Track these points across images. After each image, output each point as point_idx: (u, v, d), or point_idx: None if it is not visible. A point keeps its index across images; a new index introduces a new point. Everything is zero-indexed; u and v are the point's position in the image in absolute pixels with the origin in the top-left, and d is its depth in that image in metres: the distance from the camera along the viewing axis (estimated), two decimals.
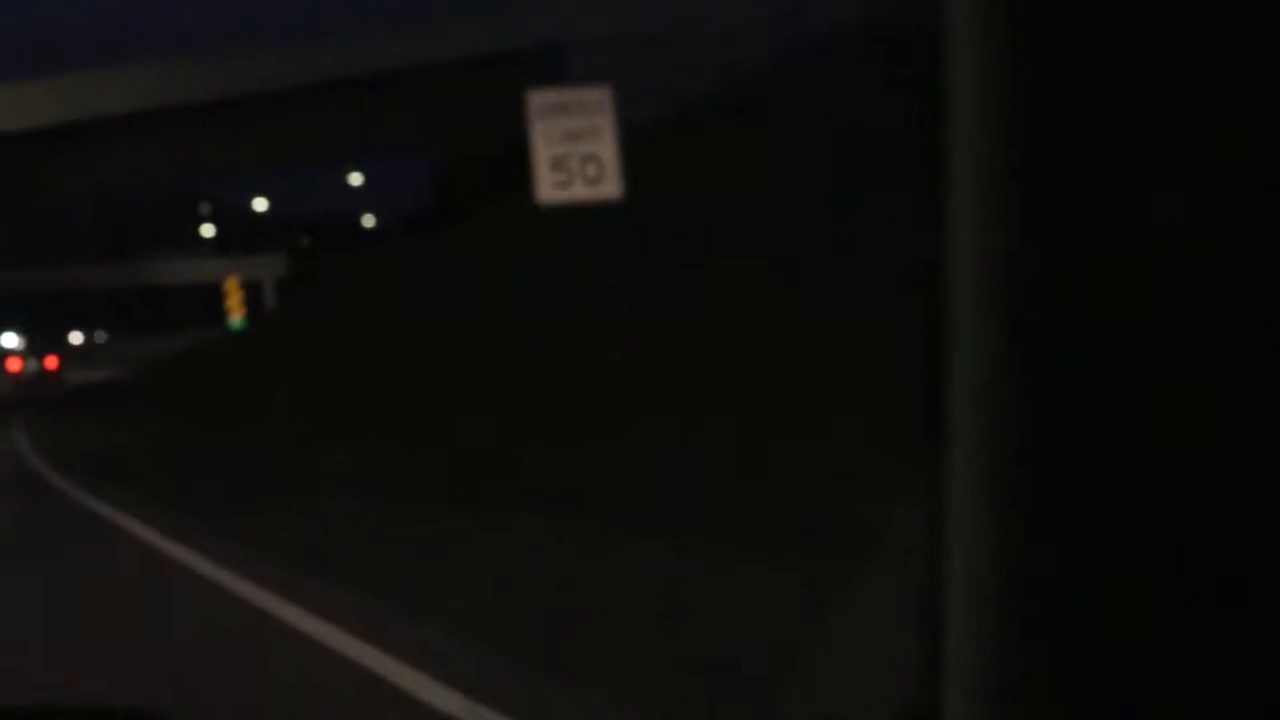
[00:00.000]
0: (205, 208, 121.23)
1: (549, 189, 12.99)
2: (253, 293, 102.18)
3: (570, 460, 11.05)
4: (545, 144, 12.98)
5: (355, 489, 13.36)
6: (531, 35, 33.38)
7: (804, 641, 4.51)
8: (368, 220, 64.99)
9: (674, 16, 31.67)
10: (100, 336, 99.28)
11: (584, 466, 10.69)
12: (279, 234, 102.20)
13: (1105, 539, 0.83)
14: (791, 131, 17.19)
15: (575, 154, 13.08)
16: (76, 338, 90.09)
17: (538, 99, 13.15)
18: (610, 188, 13.14)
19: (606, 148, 13.11)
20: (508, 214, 27.61)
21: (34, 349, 61.08)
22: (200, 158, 38.59)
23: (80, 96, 36.79)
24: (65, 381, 54.58)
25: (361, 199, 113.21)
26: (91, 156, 37.85)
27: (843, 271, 11.02)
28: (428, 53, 34.72)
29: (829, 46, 17.80)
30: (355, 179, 65.43)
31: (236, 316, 32.98)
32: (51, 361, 58.26)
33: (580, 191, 13.11)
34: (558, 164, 13.01)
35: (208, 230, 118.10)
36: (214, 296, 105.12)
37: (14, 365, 58.60)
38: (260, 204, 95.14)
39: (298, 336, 28.61)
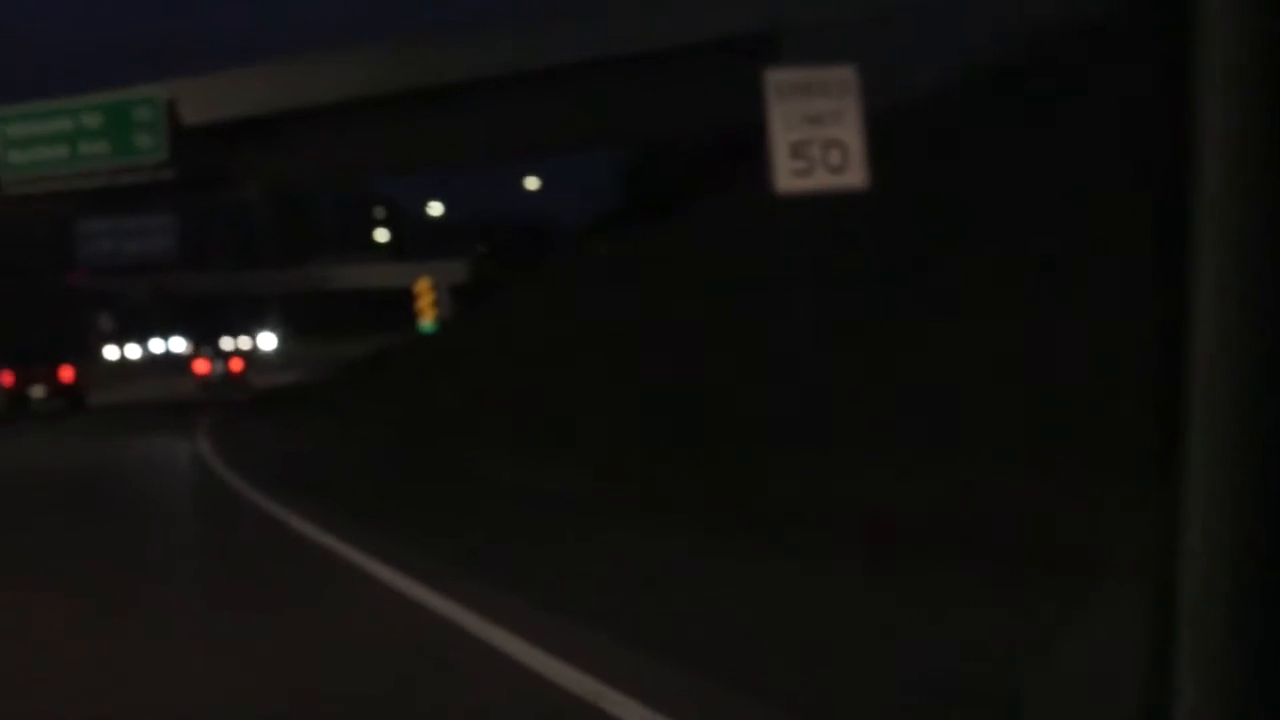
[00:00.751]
0: (380, 212, 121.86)
1: (788, 178, 11.95)
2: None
3: (812, 482, 9.88)
4: (784, 128, 11.97)
5: (601, 516, 11.56)
6: (742, 21, 31.15)
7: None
8: (546, 222, 63.19)
9: (897, 2, 29.42)
10: (270, 340, 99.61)
11: (825, 487, 9.61)
12: (454, 239, 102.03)
13: None
14: (1021, 126, 16.04)
15: (817, 139, 11.99)
16: (249, 342, 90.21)
17: (777, 78, 12.06)
18: (855, 176, 12.02)
19: (852, 133, 12.02)
20: (713, 210, 25.80)
21: (220, 352, 60.38)
22: (384, 153, 36.98)
23: (267, 89, 35.44)
24: (251, 384, 54.94)
25: (539, 202, 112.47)
26: (276, 152, 36.55)
27: (1074, 283, 10.51)
28: (627, 42, 32.75)
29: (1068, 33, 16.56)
30: (531, 183, 64.04)
31: (427, 319, 31.43)
32: (237, 364, 57.69)
33: (822, 180, 11.99)
34: (797, 150, 11.97)
35: (382, 235, 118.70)
36: (388, 302, 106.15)
37: (202, 367, 58.45)
38: (436, 208, 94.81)
39: (491, 341, 26.80)
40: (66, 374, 45.15)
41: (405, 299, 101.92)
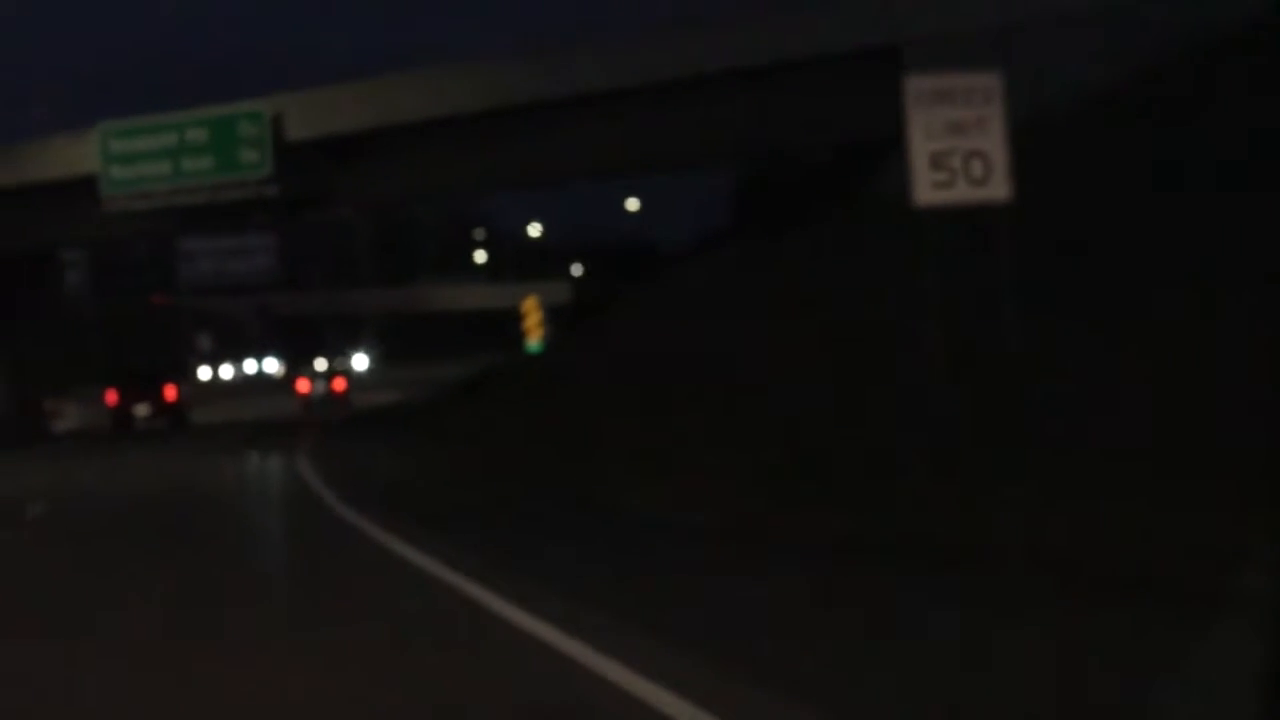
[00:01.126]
0: (479, 233, 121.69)
1: (928, 190, 11.28)
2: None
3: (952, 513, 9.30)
4: (925, 138, 11.30)
5: (744, 550, 10.49)
6: (863, 34, 29.92)
7: None
8: (649, 242, 62.10)
9: (1019, 15, 28.17)
10: (362, 361, 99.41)
11: (972, 520, 9.02)
12: (552, 261, 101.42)
13: None
14: (1153, 139, 15.72)
15: (959, 150, 11.31)
16: (344, 362, 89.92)
17: (917, 85, 11.40)
18: (999, 189, 11.29)
19: (996, 143, 11.31)
20: (830, 230, 24.68)
21: (317, 372, 60.81)
22: (489, 169, 36.00)
23: (371, 105, 34.70)
24: (352, 404, 55.32)
25: (638, 222, 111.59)
26: (380, 168, 35.79)
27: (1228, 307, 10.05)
28: (742, 56, 31.62)
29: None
30: (632, 204, 62.92)
31: (534, 338, 30.45)
32: (339, 384, 58.31)
33: (964, 193, 11.30)
34: (938, 161, 11.29)
35: (480, 256, 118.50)
36: (483, 323, 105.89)
37: (304, 387, 58.95)
38: (535, 229, 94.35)
39: (601, 364, 25.73)
40: (170, 393, 45.78)
41: (501, 320, 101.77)
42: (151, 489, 22.28)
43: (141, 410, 45.06)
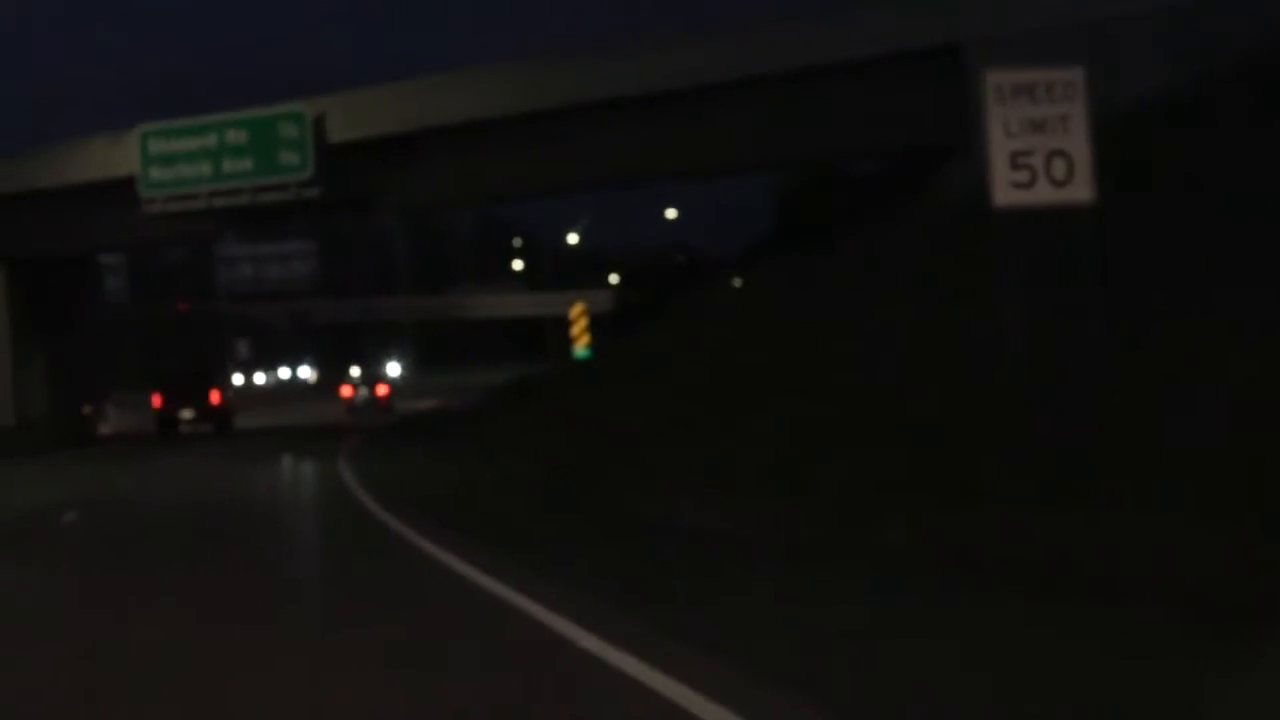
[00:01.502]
0: (516, 241, 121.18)
1: (1006, 190, 10.92)
2: (563, 328, 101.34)
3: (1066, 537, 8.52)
4: (1003, 135, 10.94)
5: (838, 569, 9.74)
6: (922, 33, 29.07)
7: None
8: (692, 250, 61.29)
9: (1095, 13, 27.34)
10: (394, 369, 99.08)
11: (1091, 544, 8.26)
12: (590, 270, 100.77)
13: None
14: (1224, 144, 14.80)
15: (1040, 148, 10.96)
16: (378, 369, 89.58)
17: (996, 79, 11.03)
18: (1082, 190, 10.94)
19: (1079, 142, 10.95)
20: (893, 233, 23.93)
21: (365, 379, 64.34)
22: (532, 172, 35.26)
23: (413, 105, 34.08)
24: (395, 409, 56.35)
25: (675, 232, 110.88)
26: (420, 171, 35.18)
27: None
28: (793, 57, 30.81)
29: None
30: (670, 213, 62.32)
31: (581, 345, 29.78)
32: (382, 389, 60.57)
33: (1045, 194, 10.95)
34: (1018, 160, 10.94)
35: (517, 264, 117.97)
36: (518, 330, 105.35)
37: (347, 392, 61.39)
38: (572, 238, 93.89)
39: (650, 372, 24.96)
40: (215, 397, 46.10)
41: (536, 328, 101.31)
42: (200, 498, 21.71)
43: (186, 414, 45.34)
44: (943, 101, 28.66)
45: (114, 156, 36.52)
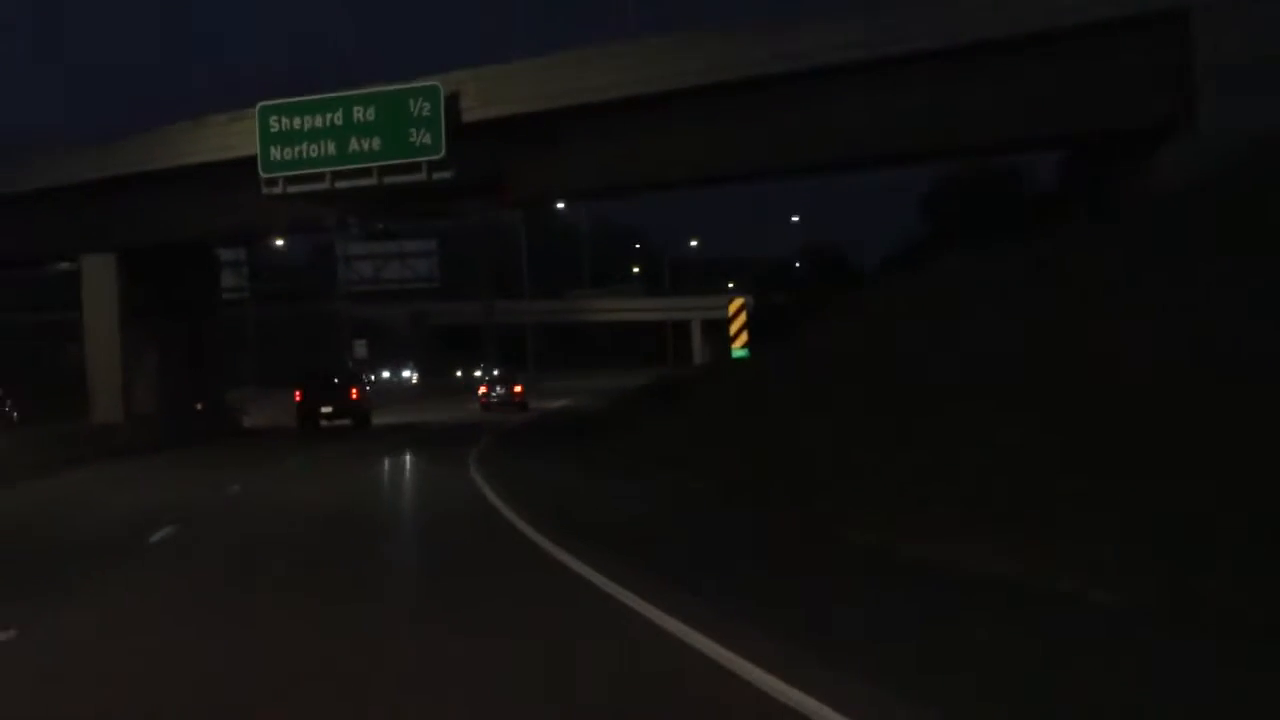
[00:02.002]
0: (636, 245, 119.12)
1: None
2: (681, 334, 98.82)
3: None
4: None
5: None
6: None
7: None
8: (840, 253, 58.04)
9: None
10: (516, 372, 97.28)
11: None
12: (710, 276, 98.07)
13: None
14: None
15: None
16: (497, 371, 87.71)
17: None
18: None
19: None
20: (1085, 232, 20.79)
21: (502, 378, 65.82)
22: (673, 158, 32.13)
23: (558, 78, 31.23)
24: (529, 406, 59.19)
25: (798, 238, 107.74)
26: (555, 156, 32.36)
27: None
28: (967, 30, 27.44)
29: None
30: (794, 218, 59.64)
31: (740, 343, 26.86)
32: (519, 389, 62.81)
33: None
34: None
35: (636, 268, 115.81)
36: (636, 335, 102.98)
37: (483, 390, 64.82)
38: (694, 241, 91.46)
39: (821, 379, 21.86)
40: (354, 394, 47.26)
41: (657, 333, 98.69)
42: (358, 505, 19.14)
43: (326, 409, 46.33)
44: (1160, 75, 25.37)
45: (232, 136, 34.19)
